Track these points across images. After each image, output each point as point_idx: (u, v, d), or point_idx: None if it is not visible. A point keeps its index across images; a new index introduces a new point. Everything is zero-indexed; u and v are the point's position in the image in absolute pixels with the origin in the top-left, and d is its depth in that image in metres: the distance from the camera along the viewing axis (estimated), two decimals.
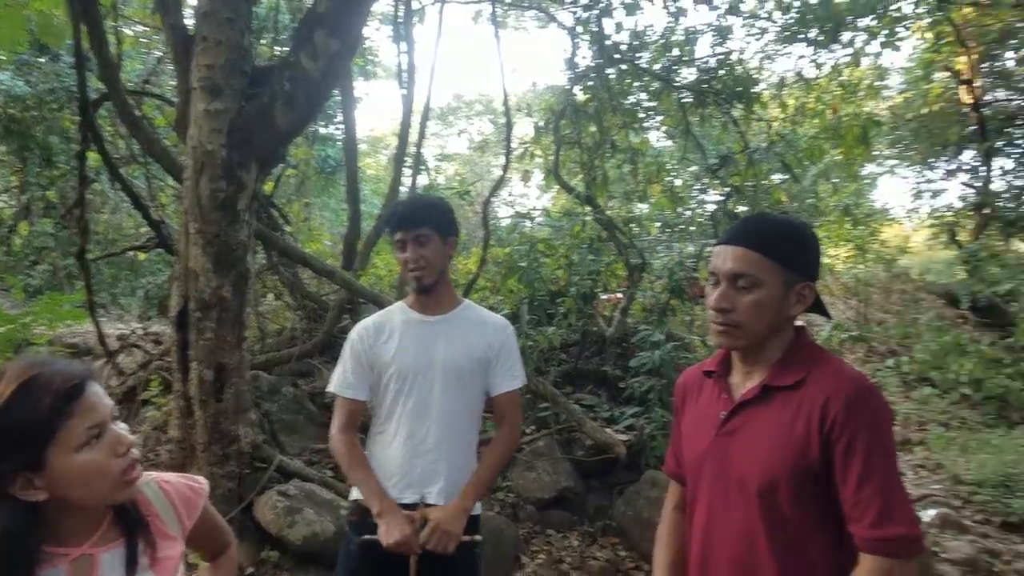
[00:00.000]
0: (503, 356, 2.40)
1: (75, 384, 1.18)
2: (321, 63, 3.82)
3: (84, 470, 1.17)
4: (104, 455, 1.19)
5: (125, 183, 5.15)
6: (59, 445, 1.15)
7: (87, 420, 1.18)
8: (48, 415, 1.14)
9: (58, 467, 1.16)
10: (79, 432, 1.17)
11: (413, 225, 2.27)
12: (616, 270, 6.63)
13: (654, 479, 4.70)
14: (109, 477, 1.20)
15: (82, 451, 1.17)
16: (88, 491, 1.20)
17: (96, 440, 1.19)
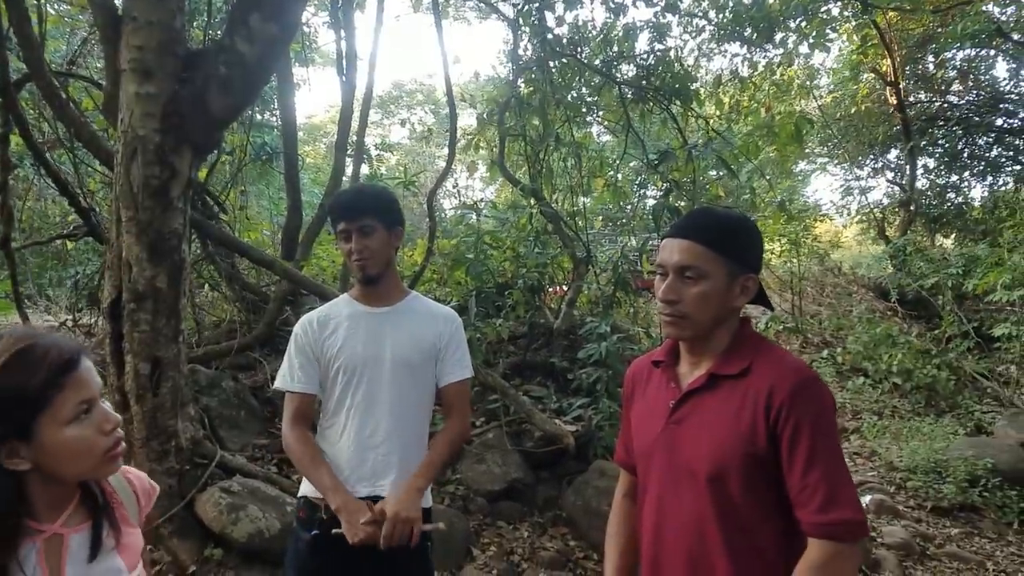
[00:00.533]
0: (451, 347, 2.38)
1: (70, 358, 1.19)
2: (257, 47, 3.68)
3: (72, 444, 1.18)
4: (92, 431, 1.21)
5: (51, 169, 4.89)
6: (49, 417, 1.16)
7: (79, 394, 1.19)
8: (42, 386, 1.15)
9: (46, 438, 1.16)
10: (70, 406, 1.18)
11: (357, 215, 2.23)
12: (562, 263, 6.65)
13: (602, 469, 4.74)
14: (95, 453, 1.21)
15: (71, 425, 1.18)
16: (73, 465, 1.21)
17: (85, 415, 1.20)
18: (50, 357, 1.17)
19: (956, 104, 16.56)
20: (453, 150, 6.43)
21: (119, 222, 3.63)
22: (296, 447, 2.25)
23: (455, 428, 2.37)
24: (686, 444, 1.62)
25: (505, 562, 4.15)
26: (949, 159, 16.30)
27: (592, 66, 6.81)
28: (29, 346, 1.17)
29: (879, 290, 13.95)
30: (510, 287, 6.20)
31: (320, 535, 2.22)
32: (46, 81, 4.08)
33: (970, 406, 8.77)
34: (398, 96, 32.42)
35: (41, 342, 1.19)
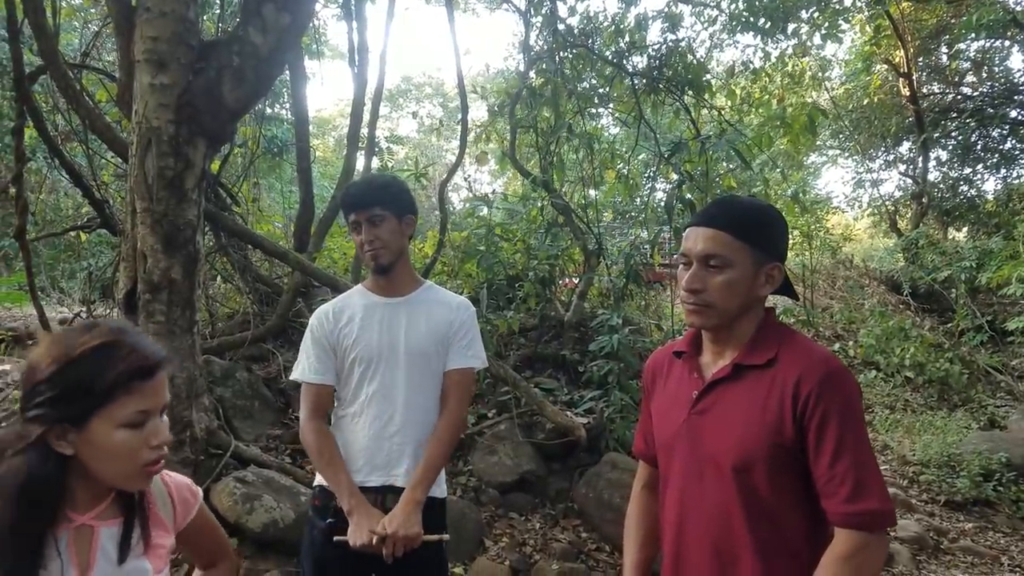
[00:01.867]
0: (461, 334, 2.36)
1: (147, 365, 1.20)
2: (271, 38, 3.69)
3: (117, 447, 1.19)
4: (139, 442, 1.21)
5: (65, 161, 4.91)
6: (107, 414, 1.17)
7: (141, 403, 1.20)
8: (111, 384, 1.16)
9: (97, 434, 1.17)
10: (130, 411, 1.19)
11: (367, 205, 2.23)
12: (573, 255, 6.63)
13: (614, 461, 4.74)
14: (135, 464, 1.22)
15: (123, 429, 1.19)
16: (111, 468, 1.21)
17: (140, 425, 1.20)
18: (129, 359, 1.19)
19: (969, 96, 16.40)
20: (464, 142, 6.42)
21: (134, 213, 3.63)
22: (313, 442, 2.25)
23: (446, 425, 2.29)
24: (710, 435, 1.61)
25: (517, 553, 4.16)
26: (962, 151, 16.15)
27: (603, 57, 6.77)
28: (114, 342, 1.19)
29: (891, 283, 13.86)
30: (520, 279, 6.19)
31: (336, 523, 2.23)
32: (61, 72, 4.10)
33: (983, 400, 8.72)
34: (406, 89, 32.42)
35: (127, 341, 1.21)
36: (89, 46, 5.34)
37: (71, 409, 1.16)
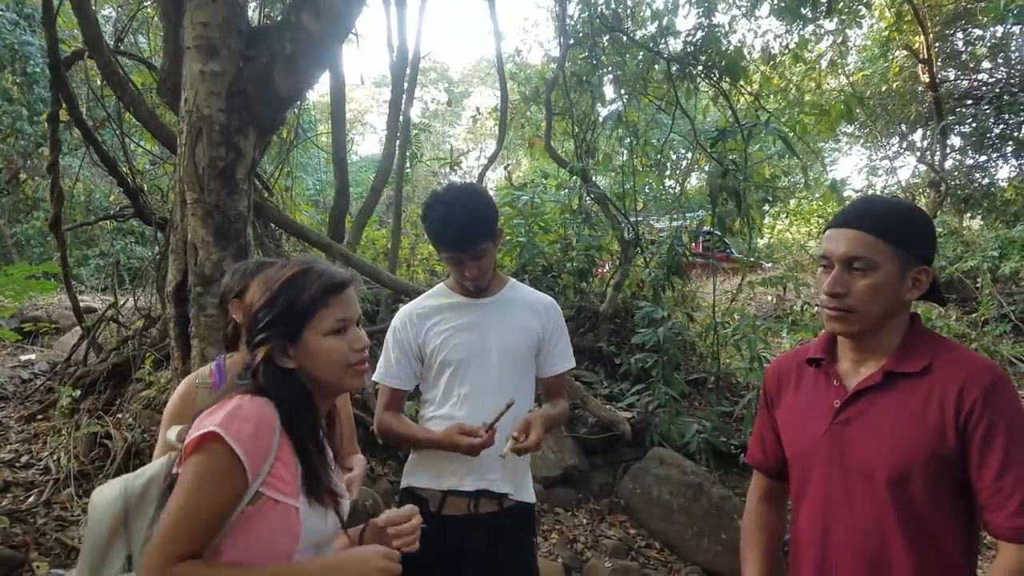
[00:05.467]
0: (555, 337, 2.34)
1: (337, 282, 1.43)
2: (325, 23, 3.59)
3: (327, 351, 1.40)
4: (344, 345, 1.41)
5: (100, 148, 4.80)
6: (313, 326, 1.39)
7: (339, 312, 1.41)
8: (311, 301, 1.39)
9: (309, 344, 1.40)
10: (331, 320, 1.40)
11: (471, 246, 2.13)
12: (608, 245, 6.55)
13: (661, 456, 4.68)
14: (343, 363, 1.42)
15: (328, 336, 1.40)
16: (327, 371, 1.41)
17: (342, 332, 1.42)
18: (321, 279, 1.41)
19: (986, 82, 16.21)
20: (503, 131, 6.31)
21: (183, 204, 3.54)
22: (395, 423, 2.25)
23: (563, 407, 2.40)
24: (859, 445, 1.54)
25: (569, 550, 4.11)
26: (978, 138, 15.98)
27: (639, 42, 6.64)
28: (305, 270, 1.43)
29: None
30: (555, 270, 6.11)
31: (427, 528, 2.18)
32: (105, 59, 3.99)
33: None
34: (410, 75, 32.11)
35: (316, 267, 1.44)
36: (124, 32, 5.22)
37: (285, 327, 1.39)
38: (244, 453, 1.26)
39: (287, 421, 1.35)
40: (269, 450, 1.30)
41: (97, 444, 4.00)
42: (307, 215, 7.61)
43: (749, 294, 9.33)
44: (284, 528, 1.31)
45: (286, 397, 1.37)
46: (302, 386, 1.41)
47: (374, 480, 4.32)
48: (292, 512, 1.31)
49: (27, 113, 11.47)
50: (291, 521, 1.31)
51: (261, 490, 1.29)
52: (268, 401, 1.35)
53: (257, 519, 1.28)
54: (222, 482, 1.26)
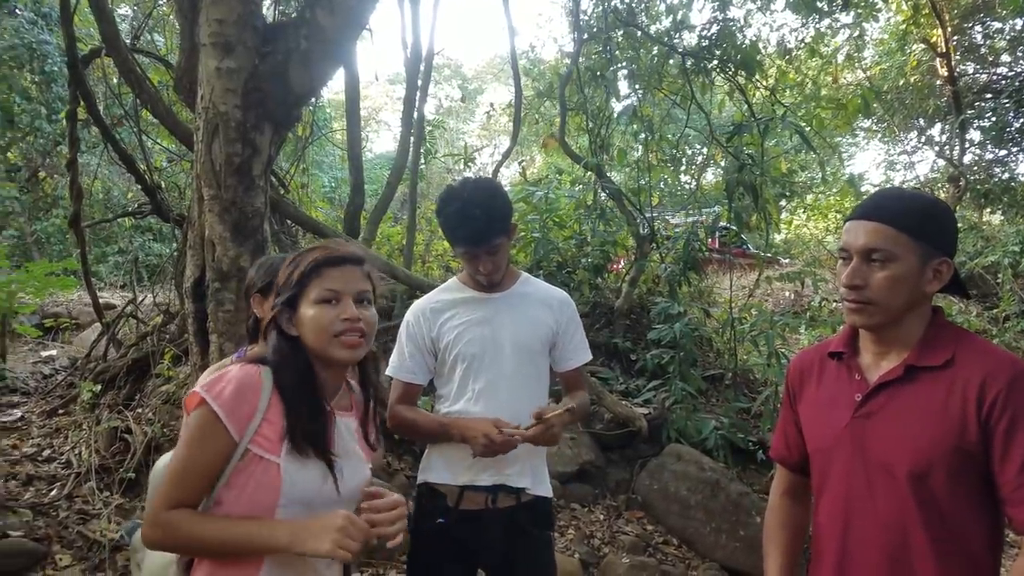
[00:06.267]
0: (570, 332, 2.33)
1: (333, 256, 1.52)
2: (338, 19, 3.59)
3: (312, 318, 1.48)
4: (332, 315, 1.47)
5: (118, 146, 4.84)
6: (306, 295, 1.49)
7: (329, 283, 1.49)
8: (306, 270, 1.50)
9: (302, 311, 1.49)
10: (320, 290, 1.49)
11: (486, 241, 2.13)
12: (624, 240, 6.52)
13: (678, 453, 4.66)
14: (328, 331, 1.47)
15: (317, 306, 1.48)
16: (314, 338, 1.48)
17: (331, 303, 1.48)
18: (317, 252, 1.52)
19: (1006, 76, 15.98)
20: (517, 127, 6.29)
21: (200, 201, 3.56)
22: (406, 415, 2.25)
23: (583, 398, 2.39)
24: (880, 439, 1.52)
25: (586, 546, 4.10)
26: (997, 133, 15.75)
27: (653, 36, 6.60)
28: (314, 247, 1.55)
29: None
30: (570, 266, 6.09)
31: (447, 522, 2.18)
32: (123, 56, 4.02)
33: None
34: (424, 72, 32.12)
35: (321, 245, 1.56)
36: (140, 30, 5.26)
37: (286, 295, 1.50)
38: (224, 413, 1.39)
39: (279, 383, 1.46)
40: (255, 411, 1.42)
41: (117, 439, 4.03)
42: (323, 212, 7.64)
43: (766, 290, 9.27)
44: (265, 483, 1.40)
45: (282, 361, 1.48)
46: (301, 353, 1.50)
47: (391, 475, 4.33)
48: (272, 468, 1.40)
49: (46, 112, 11.57)
50: (270, 476, 1.40)
51: (248, 447, 1.40)
52: (261, 367, 1.47)
53: (244, 474, 1.41)
54: (205, 439, 1.39)
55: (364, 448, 1.62)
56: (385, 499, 1.48)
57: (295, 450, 1.42)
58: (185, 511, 1.39)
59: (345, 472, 1.50)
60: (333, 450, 1.48)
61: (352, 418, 1.61)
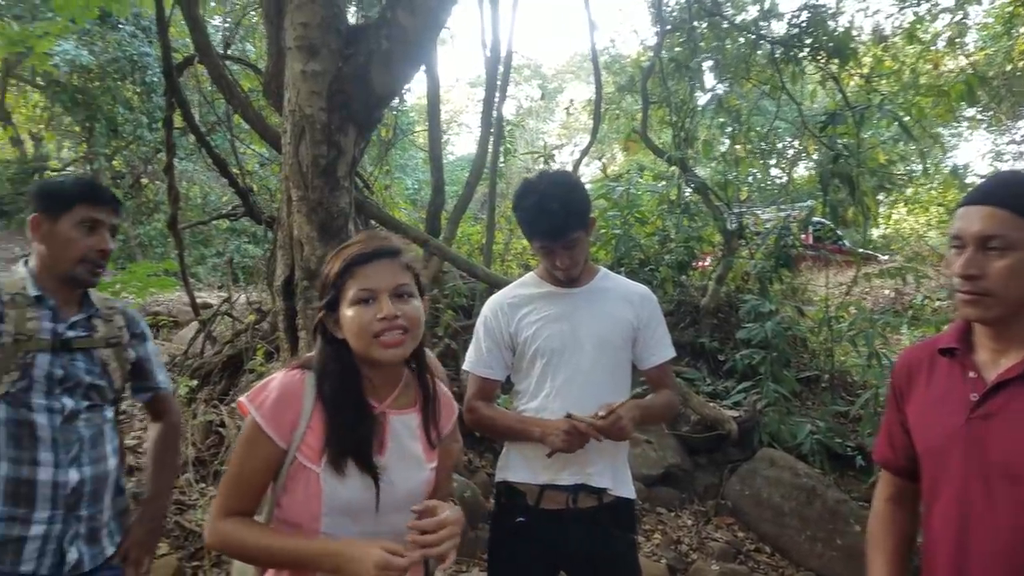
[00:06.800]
0: (652, 327, 2.24)
1: (363, 253, 1.44)
2: (419, 18, 3.59)
3: (350, 321, 1.42)
4: (369, 316, 1.41)
5: (212, 151, 5.02)
6: (344, 297, 1.43)
7: (361, 283, 1.42)
8: (339, 272, 1.44)
9: (341, 314, 1.44)
10: (354, 291, 1.42)
11: (563, 235, 2.07)
12: (709, 236, 6.31)
13: (771, 458, 4.47)
14: (366, 332, 1.41)
15: (353, 306, 1.42)
16: (353, 339, 1.43)
17: (367, 303, 1.42)
18: (347, 252, 1.45)
19: None
20: (598, 121, 6.20)
21: (289, 202, 3.63)
22: (486, 411, 2.22)
23: (669, 396, 2.31)
24: (999, 442, 1.40)
25: (673, 551, 3.98)
26: None
27: (740, 25, 6.37)
28: (346, 245, 1.49)
29: None
30: (649, 262, 5.94)
31: (527, 520, 2.13)
32: (214, 63, 4.16)
33: None
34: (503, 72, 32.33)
35: (352, 243, 1.49)
36: (230, 38, 5.45)
37: (327, 297, 1.46)
38: (264, 421, 1.39)
39: (320, 391, 1.43)
40: (298, 418, 1.41)
41: (212, 432, 4.18)
42: (405, 212, 7.76)
43: (863, 288, 8.82)
44: (309, 492, 1.39)
45: (325, 367, 1.45)
46: (347, 356, 1.46)
47: (472, 472, 4.32)
48: (313, 477, 1.38)
49: (147, 121, 12.23)
50: (312, 485, 1.38)
51: (295, 455, 1.40)
52: (305, 373, 1.45)
53: (294, 481, 1.40)
54: (252, 448, 1.41)
55: (425, 447, 1.55)
56: (432, 519, 1.38)
57: (332, 462, 1.38)
58: (239, 521, 1.40)
59: (397, 476, 1.45)
60: (382, 455, 1.44)
61: (414, 415, 1.55)
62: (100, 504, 1.88)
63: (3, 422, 1.74)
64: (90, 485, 1.84)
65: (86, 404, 1.86)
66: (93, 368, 1.89)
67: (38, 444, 1.76)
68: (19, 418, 1.75)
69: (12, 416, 1.75)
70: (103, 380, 1.91)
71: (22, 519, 1.74)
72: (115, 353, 1.96)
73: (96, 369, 1.89)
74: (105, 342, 1.93)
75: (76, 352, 1.86)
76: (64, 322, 1.85)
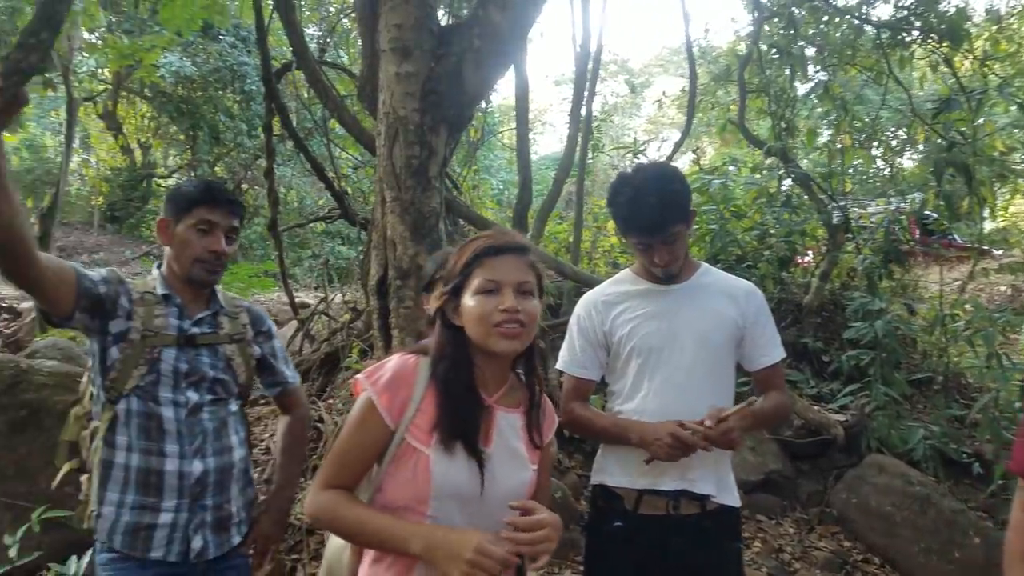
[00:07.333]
0: (759, 326, 2.12)
1: (495, 245, 1.48)
2: (510, 15, 3.57)
3: (473, 309, 1.44)
4: (491, 306, 1.43)
5: (309, 155, 5.16)
6: (468, 284, 1.46)
7: (489, 273, 1.45)
8: (468, 260, 1.47)
9: (463, 301, 1.46)
10: (480, 279, 1.45)
11: (662, 230, 1.98)
12: (813, 231, 6.02)
13: (881, 464, 4.23)
14: (487, 322, 1.43)
15: (476, 295, 1.44)
16: (473, 327, 1.45)
17: (491, 293, 1.44)
18: (479, 242, 1.49)
19: None
20: (692, 113, 6.02)
21: (383, 203, 3.68)
22: (583, 411, 2.15)
23: (780, 398, 2.16)
24: None
25: (775, 560, 3.81)
26: None
27: (843, 9, 6.05)
28: (477, 236, 1.53)
29: None
30: (746, 259, 5.72)
31: (625, 525, 2.06)
32: (311, 68, 4.26)
33: None
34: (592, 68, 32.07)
35: (484, 235, 1.53)
36: (325, 43, 5.59)
37: (451, 284, 1.48)
38: (378, 399, 1.43)
39: (435, 374, 1.46)
40: (409, 399, 1.44)
41: (311, 427, 4.29)
42: (492, 212, 7.77)
43: (980, 284, 8.23)
44: (417, 473, 1.40)
45: (441, 351, 1.48)
46: (463, 343, 1.48)
47: (562, 473, 4.27)
48: (423, 459, 1.40)
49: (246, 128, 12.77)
50: (421, 467, 1.40)
51: (404, 436, 1.42)
52: (419, 357, 1.49)
53: (400, 463, 1.43)
54: (363, 424, 1.44)
55: (529, 448, 1.55)
56: (529, 519, 1.37)
57: (442, 443, 1.41)
58: (338, 493, 1.43)
59: (500, 471, 1.46)
60: (488, 447, 1.46)
61: (519, 415, 1.56)
62: (226, 494, 1.95)
63: (134, 414, 1.84)
64: (214, 475, 1.91)
65: (210, 398, 1.94)
66: (217, 363, 1.97)
67: (165, 436, 1.85)
68: (148, 411, 1.85)
69: (142, 409, 1.84)
70: (227, 375, 1.99)
71: (151, 507, 1.83)
72: (239, 349, 2.04)
73: (220, 364, 1.98)
74: (229, 338, 2.01)
75: (201, 348, 1.95)
76: (190, 319, 1.94)
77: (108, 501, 1.82)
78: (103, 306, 1.82)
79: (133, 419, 1.84)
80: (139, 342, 1.85)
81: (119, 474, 1.83)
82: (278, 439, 2.27)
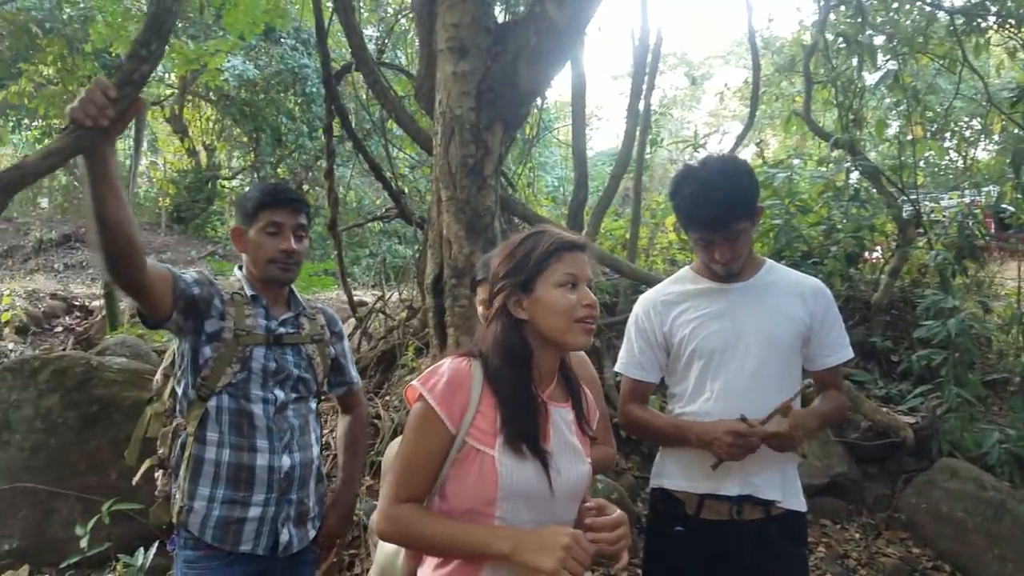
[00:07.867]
0: (828, 325, 2.06)
1: (571, 241, 1.49)
2: (568, 10, 3.54)
3: (553, 302, 1.44)
4: (573, 300, 1.44)
5: (367, 155, 5.24)
6: (546, 277, 1.45)
7: (568, 268, 1.46)
8: (546, 252, 1.46)
9: (540, 294, 1.45)
10: (560, 274, 1.45)
11: (726, 227, 1.94)
12: (882, 226, 5.80)
13: (952, 468, 4.07)
14: (569, 316, 1.44)
15: (558, 288, 1.45)
16: (553, 322, 1.45)
17: (571, 287, 1.45)
18: (555, 236, 1.49)
19: None
20: (755, 104, 5.87)
21: (439, 202, 3.71)
22: (641, 413, 2.14)
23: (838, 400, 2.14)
24: None
25: (839, 566, 3.71)
26: None
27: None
28: (542, 230, 1.54)
29: None
30: (813, 255, 5.55)
31: (687, 531, 2.02)
32: (370, 69, 4.32)
33: None
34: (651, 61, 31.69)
35: (551, 229, 1.54)
36: (383, 44, 5.67)
37: (520, 277, 1.46)
38: (437, 404, 1.40)
39: (490, 374, 1.44)
40: (468, 402, 1.42)
41: (369, 424, 4.35)
42: (547, 209, 7.75)
43: None
44: (483, 476, 1.39)
45: (503, 345, 1.46)
46: (522, 339, 1.47)
47: (619, 475, 4.23)
48: (488, 460, 1.39)
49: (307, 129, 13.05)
50: (487, 469, 1.38)
51: (465, 439, 1.41)
52: (471, 360, 1.47)
53: (464, 466, 1.41)
54: (424, 432, 1.42)
55: (583, 441, 1.56)
56: (607, 518, 1.40)
57: (508, 443, 1.40)
58: (413, 507, 1.42)
59: (562, 467, 1.46)
60: (548, 444, 1.46)
61: (568, 409, 1.56)
62: (307, 489, 2.02)
63: (226, 411, 1.91)
64: (299, 471, 1.98)
65: (294, 396, 2.02)
66: (300, 362, 2.04)
67: (255, 432, 1.92)
68: (239, 408, 1.92)
69: (234, 406, 1.92)
70: (309, 373, 2.06)
71: (242, 502, 1.89)
72: (319, 349, 2.12)
73: (303, 363, 2.05)
74: (310, 338, 2.09)
75: (286, 347, 2.02)
76: (275, 319, 2.02)
77: (199, 496, 1.89)
78: (197, 307, 1.90)
79: (224, 416, 1.91)
80: (232, 341, 1.92)
81: (210, 469, 1.90)
82: (340, 437, 2.33)
